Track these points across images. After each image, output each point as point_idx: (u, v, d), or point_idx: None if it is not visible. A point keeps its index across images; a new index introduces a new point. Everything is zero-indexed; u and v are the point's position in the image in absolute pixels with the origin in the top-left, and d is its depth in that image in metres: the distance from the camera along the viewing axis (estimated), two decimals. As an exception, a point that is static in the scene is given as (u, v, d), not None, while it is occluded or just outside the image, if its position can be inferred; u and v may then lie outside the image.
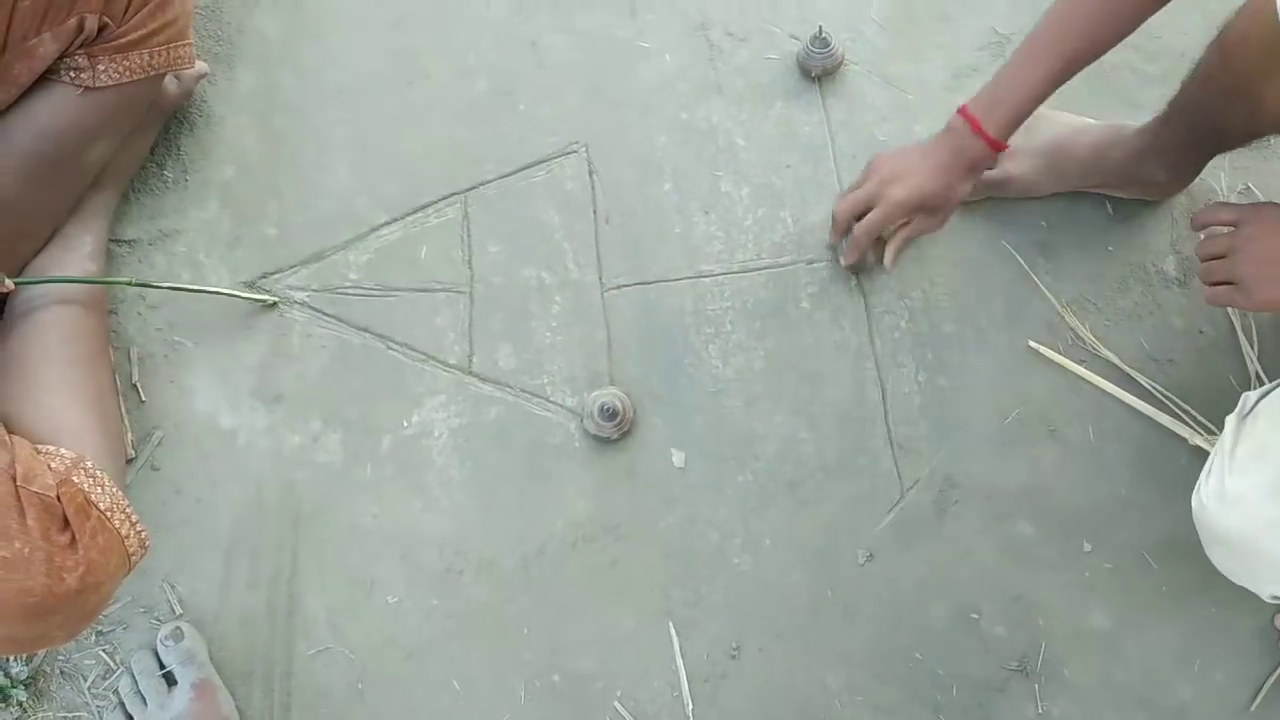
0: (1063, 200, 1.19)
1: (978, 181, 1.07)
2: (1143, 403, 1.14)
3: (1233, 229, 0.92)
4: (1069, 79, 0.97)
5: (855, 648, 1.10)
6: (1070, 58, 0.94)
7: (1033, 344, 1.16)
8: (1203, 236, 1.02)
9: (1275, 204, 0.91)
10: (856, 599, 1.11)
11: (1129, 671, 1.10)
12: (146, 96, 1.13)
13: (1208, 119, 1.00)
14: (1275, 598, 0.85)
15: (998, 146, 1.00)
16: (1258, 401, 0.87)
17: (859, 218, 1.09)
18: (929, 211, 1.06)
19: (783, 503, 1.14)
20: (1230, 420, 0.87)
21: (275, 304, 1.17)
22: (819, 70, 1.23)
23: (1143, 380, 1.15)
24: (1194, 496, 0.88)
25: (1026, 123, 1.15)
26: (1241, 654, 1.09)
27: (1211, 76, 0.95)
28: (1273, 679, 1.08)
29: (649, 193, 1.22)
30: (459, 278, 1.19)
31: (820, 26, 1.20)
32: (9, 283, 1.05)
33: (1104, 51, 0.94)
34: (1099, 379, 1.15)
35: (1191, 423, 1.13)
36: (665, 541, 1.13)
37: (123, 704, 1.08)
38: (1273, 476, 0.80)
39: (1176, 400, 1.14)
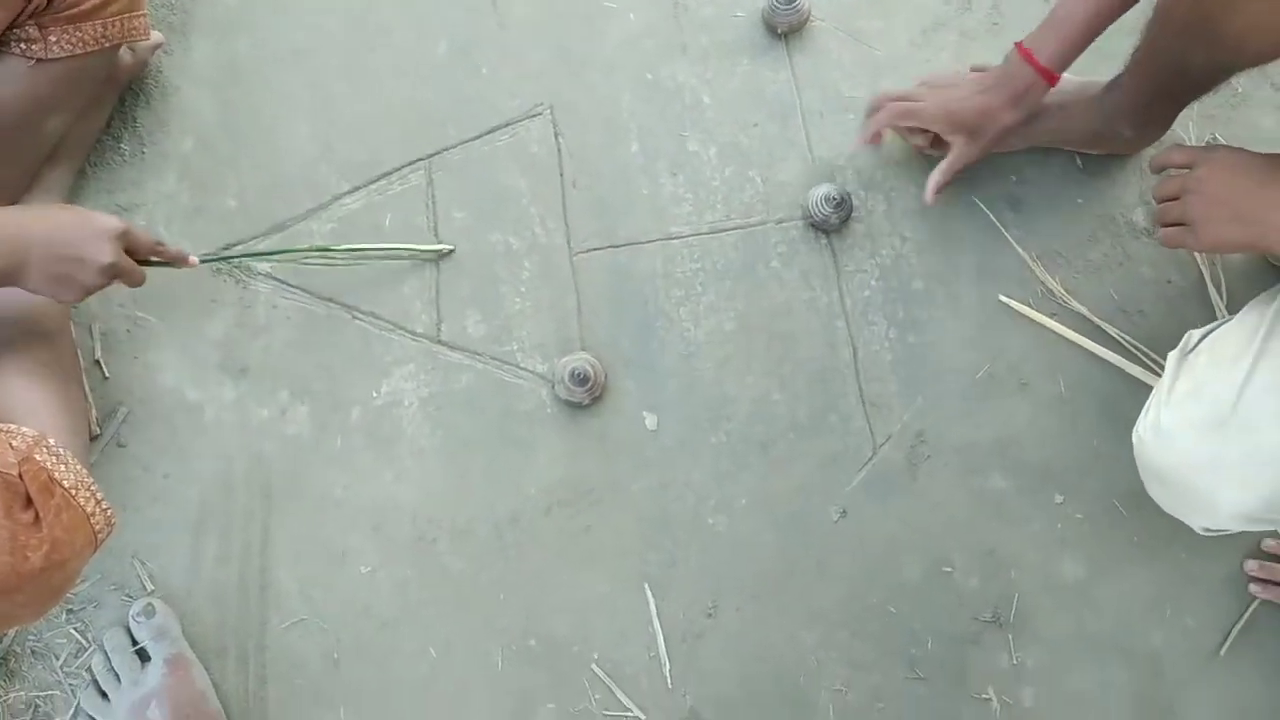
0: (1032, 154, 1.18)
1: (1026, 122, 1.06)
2: (1112, 354, 1.14)
3: (1187, 171, 0.92)
4: (1126, 5, 0.96)
5: (830, 604, 1.11)
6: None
7: (1003, 298, 1.16)
8: (1159, 178, 1.02)
9: (1228, 146, 0.90)
10: (830, 556, 1.12)
11: (1101, 620, 1.10)
12: (101, 68, 1.11)
13: (1171, 63, 0.99)
14: (1206, 530, 0.86)
15: (1048, 74, 1.00)
16: (1200, 339, 0.87)
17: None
18: (968, 131, 1.05)
19: (756, 463, 1.14)
20: (1172, 356, 0.88)
21: (452, 251, 1.17)
22: (785, 27, 1.22)
23: (1112, 331, 1.15)
24: (1134, 431, 0.88)
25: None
26: (1212, 599, 1.11)
27: (1168, 15, 0.94)
28: (1241, 623, 1.09)
29: (616, 154, 1.21)
30: (425, 244, 1.18)
31: (785, -19, 1.19)
32: (194, 259, 1.08)
33: None
34: (1069, 331, 1.15)
35: (1160, 372, 1.13)
36: (639, 505, 1.13)
37: (96, 682, 1.07)
38: (1207, 412, 0.81)
39: (1146, 350, 1.14)
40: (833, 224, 1.16)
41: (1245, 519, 0.82)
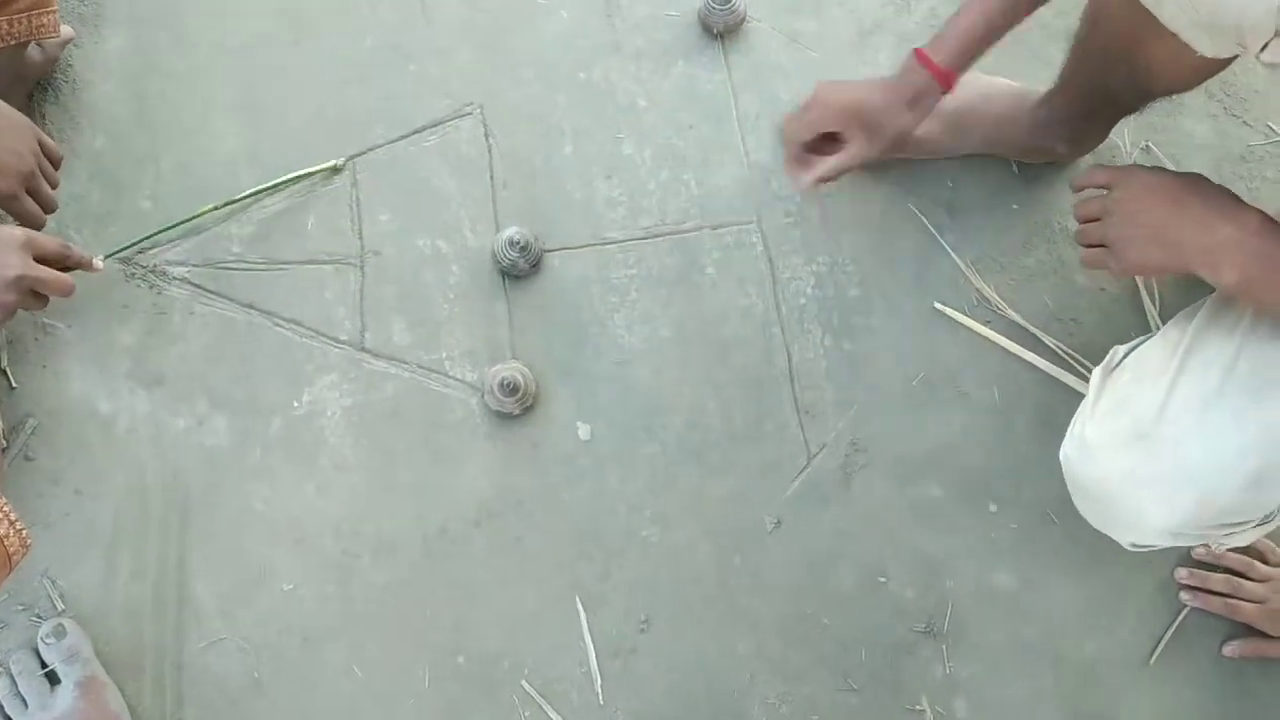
0: (969, 160, 1.18)
1: (918, 131, 1.03)
2: (1046, 362, 1.14)
3: (1106, 192, 0.91)
4: (1021, 15, 0.94)
5: (764, 615, 1.09)
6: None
7: (938, 305, 1.15)
8: (1079, 198, 1.02)
9: (1144, 166, 0.90)
10: (765, 566, 1.10)
11: (1034, 629, 1.10)
12: (7, 67, 1.06)
13: (1096, 85, 0.99)
14: (1135, 546, 0.86)
15: (943, 77, 0.97)
16: (1125, 355, 0.87)
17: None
18: (865, 127, 1.01)
19: (691, 472, 1.12)
20: (1097, 373, 0.88)
21: (341, 168, 1.14)
22: (721, 27, 1.19)
23: (1047, 339, 1.15)
24: (1061, 449, 0.88)
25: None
26: (1144, 608, 1.11)
27: (1088, 43, 0.94)
28: (1171, 631, 1.09)
29: (548, 156, 1.18)
30: (348, 249, 1.14)
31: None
32: (98, 262, 1.05)
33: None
34: (1003, 339, 1.14)
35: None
36: (572, 516, 1.10)
37: (0, 706, 1.03)
38: (1129, 427, 0.81)
39: (1079, 359, 1.14)
40: (521, 269, 1.11)
41: (1171, 534, 0.81)
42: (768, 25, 1.21)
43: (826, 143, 1.01)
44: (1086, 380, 1.11)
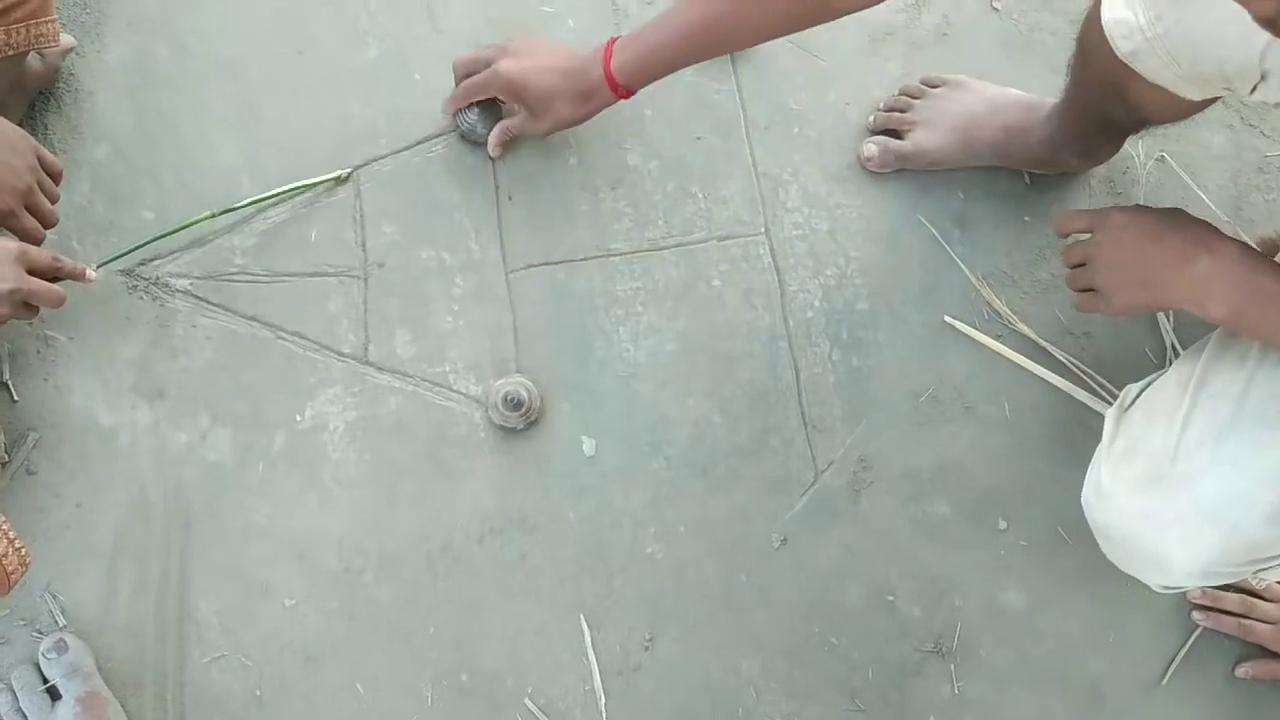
0: (980, 171, 1.16)
1: (926, 144, 1.07)
2: (1058, 377, 1.12)
3: (1089, 236, 0.90)
4: (714, 48, 0.94)
5: (770, 634, 1.08)
6: (706, 16, 0.90)
7: (949, 319, 1.14)
8: (1066, 244, 1.00)
9: (1122, 207, 0.88)
10: (770, 584, 1.09)
11: (1043, 648, 1.09)
12: (6, 77, 1.05)
13: (1095, 110, 0.98)
14: (1165, 588, 0.84)
15: (614, 86, 0.97)
16: (1137, 395, 0.85)
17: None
18: (530, 109, 1.04)
19: (696, 488, 1.11)
20: (1110, 414, 0.86)
21: (348, 178, 1.13)
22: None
23: (1059, 354, 1.13)
24: (1082, 494, 0.87)
25: (942, 91, 1.12)
26: (1154, 628, 1.09)
27: (1084, 72, 0.92)
28: (1183, 653, 1.08)
29: (553, 167, 1.16)
30: (352, 261, 1.13)
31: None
32: (91, 272, 1.02)
33: (744, 39, 0.93)
34: (1014, 354, 1.13)
35: (1107, 397, 1.11)
36: (576, 533, 1.09)
37: (2, 722, 1.02)
38: (1144, 469, 0.79)
39: (1092, 374, 1.12)
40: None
41: (1200, 575, 0.79)
42: (776, 34, 1.20)
43: None
44: (1099, 396, 1.10)
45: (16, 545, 0.90)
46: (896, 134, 1.14)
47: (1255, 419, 0.75)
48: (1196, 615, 1.08)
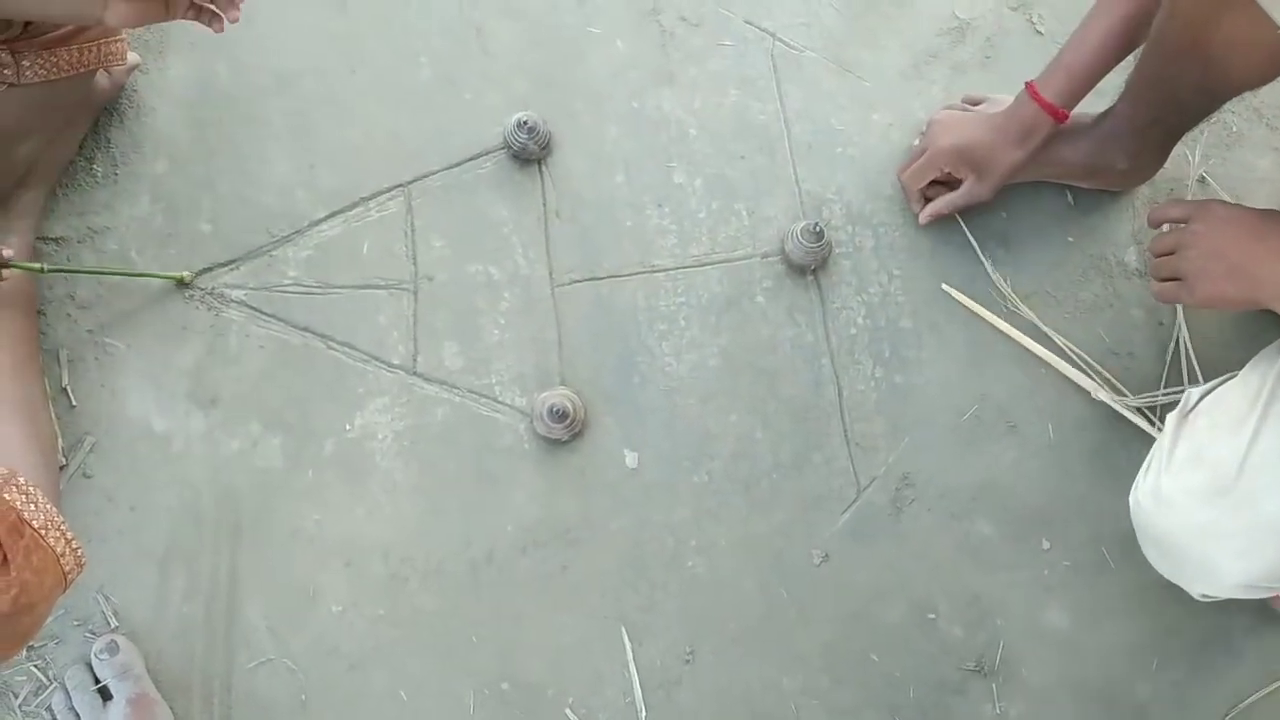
0: (1023, 189, 1.16)
1: (1040, 159, 1.08)
2: (1104, 393, 1.12)
3: (1183, 225, 0.89)
4: (1132, 44, 0.96)
5: (810, 650, 1.08)
6: (1125, 17, 0.93)
7: (945, 287, 1.15)
8: (1157, 232, 1.00)
9: (1222, 201, 0.88)
10: (812, 600, 1.09)
11: (1086, 670, 1.08)
12: (76, 93, 1.08)
13: (1164, 89, 0.97)
14: (1205, 596, 0.84)
15: (1054, 112, 1.00)
16: (1199, 399, 0.85)
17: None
18: (975, 169, 1.07)
19: (737, 503, 1.11)
20: (1171, 418, 0.86)
21: (189, 281, 1.13)
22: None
23: (1103, 373, 1.13)
24: (1131, 493, 0.86)
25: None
26: (1198, 651, 1.08)
27: (1163, 36, 0.91)
28: (1263, 693, 1.06)
29: (600, 185, 1.18)
30: (402, 274, 1.15)
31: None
32: (6, 251, 1.01)
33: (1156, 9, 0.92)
34: (1058, 361, 1.13)
35: (1153, 417, 1.11)
36: (618, 545, 1.10)
37: (55, 721, 1.04)
38: (1208, 480, 0.78)
39: (1136, 395, 1.12)
40: (532, 152, 1.16)
41: (1246, 587, 0.79)
42: (820, 55, 1.21)
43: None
44: (1143, 415, 1.10)
45: (74, 546, 0.92)
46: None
47: None
48: None
